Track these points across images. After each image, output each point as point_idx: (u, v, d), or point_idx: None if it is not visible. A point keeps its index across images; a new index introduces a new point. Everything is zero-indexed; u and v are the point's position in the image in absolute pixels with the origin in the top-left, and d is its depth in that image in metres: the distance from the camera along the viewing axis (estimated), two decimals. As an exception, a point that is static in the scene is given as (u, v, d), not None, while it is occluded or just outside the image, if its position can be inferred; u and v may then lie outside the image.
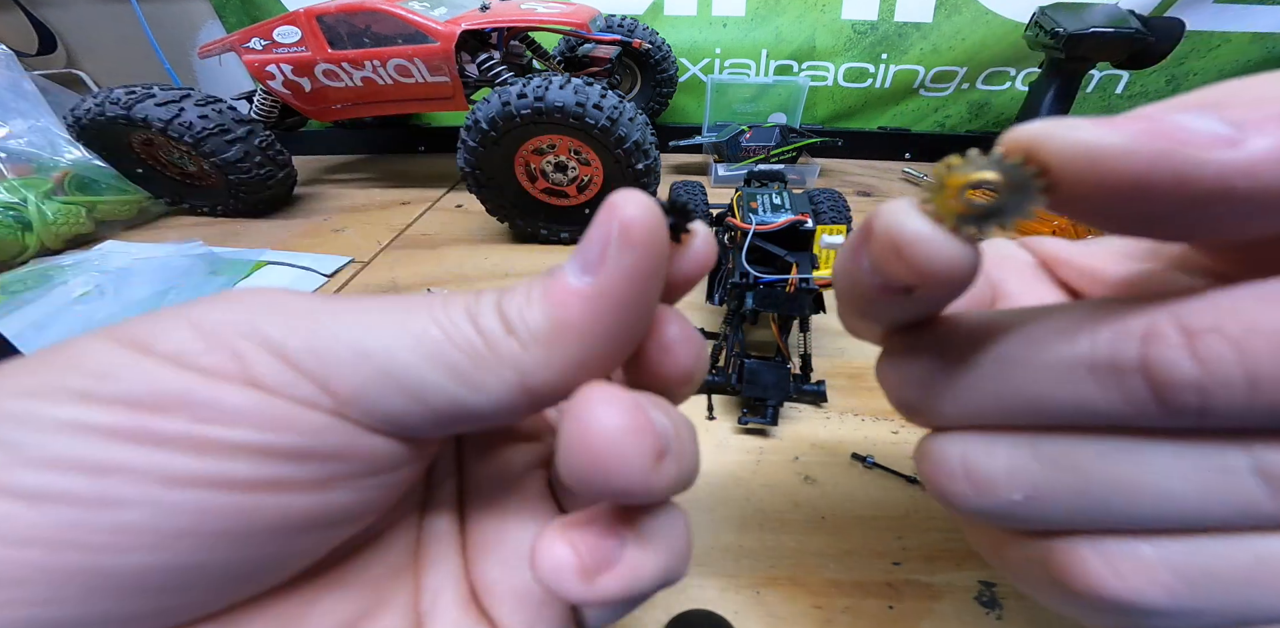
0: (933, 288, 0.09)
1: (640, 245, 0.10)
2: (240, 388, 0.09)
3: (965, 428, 0.11)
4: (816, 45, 0.68)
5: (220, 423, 0.08)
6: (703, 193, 0.41)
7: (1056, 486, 0.10)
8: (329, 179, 0.67)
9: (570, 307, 0.10)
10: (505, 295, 0.10)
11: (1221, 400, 0.08)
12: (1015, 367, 0.10)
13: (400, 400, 0.09)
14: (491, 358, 0.10)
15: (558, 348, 0.10)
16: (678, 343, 0.11)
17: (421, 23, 0.47)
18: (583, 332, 0.10)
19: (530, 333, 0.10)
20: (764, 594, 0.22)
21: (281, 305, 0.10)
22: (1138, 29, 0.48)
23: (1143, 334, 0.08)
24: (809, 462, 0.27)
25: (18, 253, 0.46)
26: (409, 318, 0.10)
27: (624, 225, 0.10)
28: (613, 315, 0.10)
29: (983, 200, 0.09)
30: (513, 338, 0.10)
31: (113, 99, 0.47)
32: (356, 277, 0.45)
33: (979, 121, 0.72)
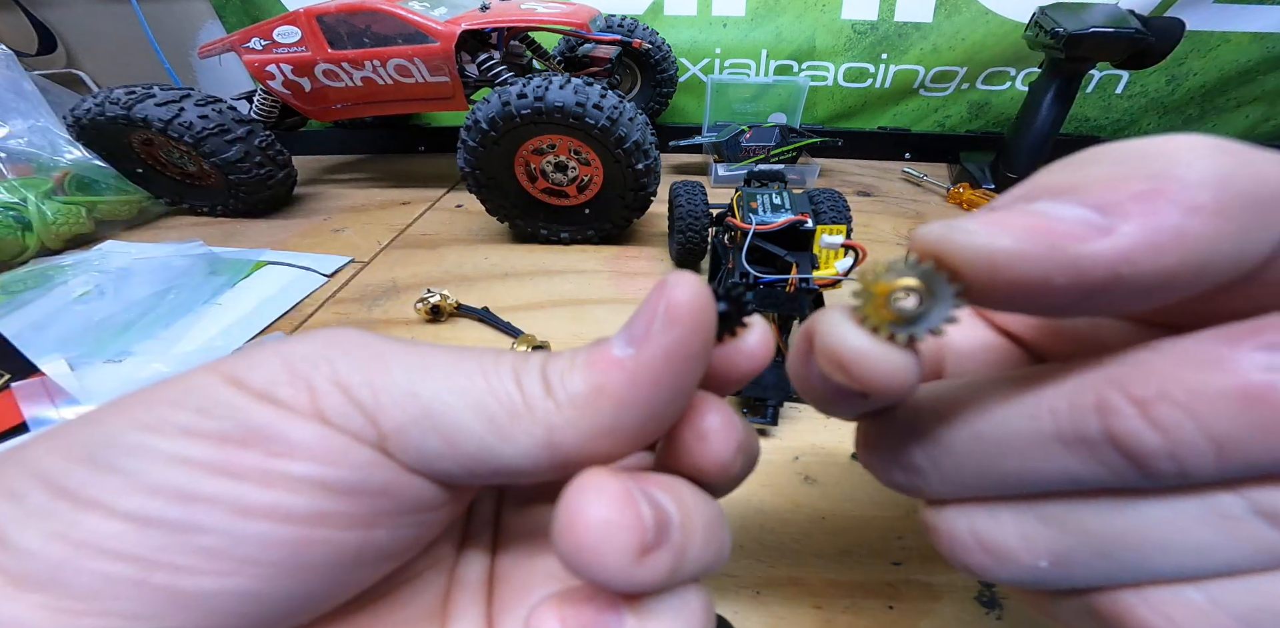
0: (881, 395, 0.10)
1: (683, 325, 0.10)
2: (306, 421, 0.10)
3: (964, 501, 0.11)
4: (816, 45, 0.68)
5: (287, 457, 0.09)
6: (703, 193, 0.41)
7: (1076, 548, 0.10)
8: (329, 179, 0.67)
9: (609, 375, 0.10)
10: (552, 359, 0.11)
11: (1195, 462, 0.08)
12: (991, 445, 0.10)
13: (435, 441, 0.10)
14: (526, 414, 0.10)
15: (589, 412, 0.10)
16: (715, 432, 0.11)
17: (421, 23, 0.47)
18: (617, 400, 0.10)
19: (568, 395, 0.10)
20: (764, 594, 0.22)
21: (357, 344, 0.11)
22: (1138, 29, 0.48)
23: (1095, 406, 0.09)
24: (809, 462, 0.27)
25: (18, 253, 0.46)
26: (460, 366, 0.11)
27: (671, 304, 0.10)
28: (648, 389, 0.10)
29: (910, 306, 0.09)
30: (550, 399, 0.10)
31: (113, 99, 0.47)
32: (356, 277, 0.45)
33: (979, 122, 0.72)
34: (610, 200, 0.46)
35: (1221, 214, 0.08)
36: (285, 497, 0.09)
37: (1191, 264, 0.08)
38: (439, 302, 0.38)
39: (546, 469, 0.10)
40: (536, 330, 0.36)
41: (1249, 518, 0.09)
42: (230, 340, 0.37)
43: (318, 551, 0.09)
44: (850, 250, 0.30)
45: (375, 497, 0.10)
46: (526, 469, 0.10)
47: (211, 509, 0.09)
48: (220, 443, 0.09)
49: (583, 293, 0.42)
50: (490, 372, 0.10)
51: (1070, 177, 0.09)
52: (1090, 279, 0.08)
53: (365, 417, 0.10)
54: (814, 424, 0.30)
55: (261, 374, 0.10)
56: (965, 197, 0.57)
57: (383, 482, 0.10)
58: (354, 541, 0.10)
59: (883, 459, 0.12)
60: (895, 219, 0.55)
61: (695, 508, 0.11)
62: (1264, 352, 0.08)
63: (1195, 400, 0.08)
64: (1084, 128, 0.71)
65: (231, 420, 0.09)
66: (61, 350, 0.33)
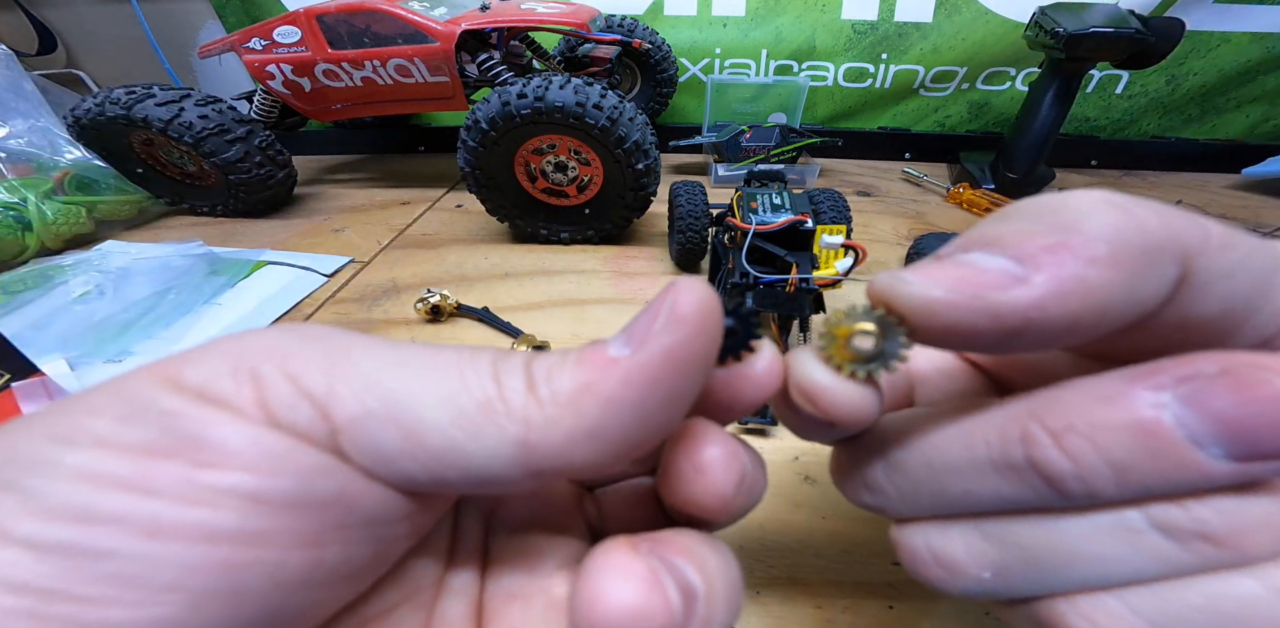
0: (844, 423, 0.11)
1: (688, 328, 0.10)
2: (244, 423, 0.09)
3: (923, 519, 0.12)
4: (816, 45, 0.68)
5: (216, 467, 0.08)
6: (703, 193, 0.41)
7: (1012, 560, 0.11)
8: (329, 179, 0.67)
9: (600, 373, 0.10)
10: (541, 357, 0.10)
11: (1099, 484, 0.09)
12: (939, 470, 0.11)
13: (395, 435, 0.09)
14: (501, 409, 0.09)
15: (572, 411, 0.09)
16: (716, 465, 0.11)
17: (421, 23, 0.47)
18: (605, 400, 0.09)
19: (551, 393, 0.10)
20: (764, 594, 0.22)
21: (319, 335, 0.10)
22: (1138, 29, 0.48)
23: (1020, 436, 0.10)
24: (809, 462, 0.27)
25: (18, 253, 0.46)
26: (434, 360, 0.10)
27: (676, 303, 0.10)
28: (641, 390, 0.09)
29: (867, 347, 0.11)
30: (531, 395, 0.10)
31: (113, 99, 0.47)
32: (356, 277, 0.45)
33: (979, 122, 0.72)
34: (610, 200, 0.46)
35: (1115, 264, 0.09)
36: (211, 514, 0.08)
37: (1093, 309, 0.09)
38: (439, 302, 0.38)
39: (520, 473, 0.10)
40: (536, 330, 0.36)
41: (1148, 531, 0.10)
42: (230, 340, 0.37)
43: (253, 574, 0.08)
44: (850, 250, 0.30)
45: (323, 509, 0.09)
46: (498, 472, 0.10)
47: (120, 531, 0.08)
48: (138, 454, 0.08)
49: (583, 293, 0.42)
50: (467, 366, 0.10)
51: (998, 229, 0.10)
52: (1007, 324, 0.09)
53: (316, 408, 0.09)
54: (814, 424, 0.30)
55: (202, 370, 0.09)
56: (965, 196, 0.57)
57: (333, 490, 0.09)
58: (298, 561, 0.09)
59: (850, 481, 0.14)
60: (895, 219, 0.55)
61: (719, 575, 0.11)
62: (1154, 391, 0.09)
63: (1097, 432, 0.09)
64: (1084, 128, 0.71)
65: (155, 428, 0.08)
66: (61, 350, 0.33)
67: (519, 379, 0.10)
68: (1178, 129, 0.70)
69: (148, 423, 0.09)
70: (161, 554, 0.08)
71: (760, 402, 0.12)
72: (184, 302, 0.40)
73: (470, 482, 0.10)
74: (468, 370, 0.10)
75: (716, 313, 0.10)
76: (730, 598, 0.11)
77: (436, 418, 0.09)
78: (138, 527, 0.08)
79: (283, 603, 0.09)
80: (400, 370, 0.10)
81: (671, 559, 0.10)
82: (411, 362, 0.10)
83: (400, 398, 0.09)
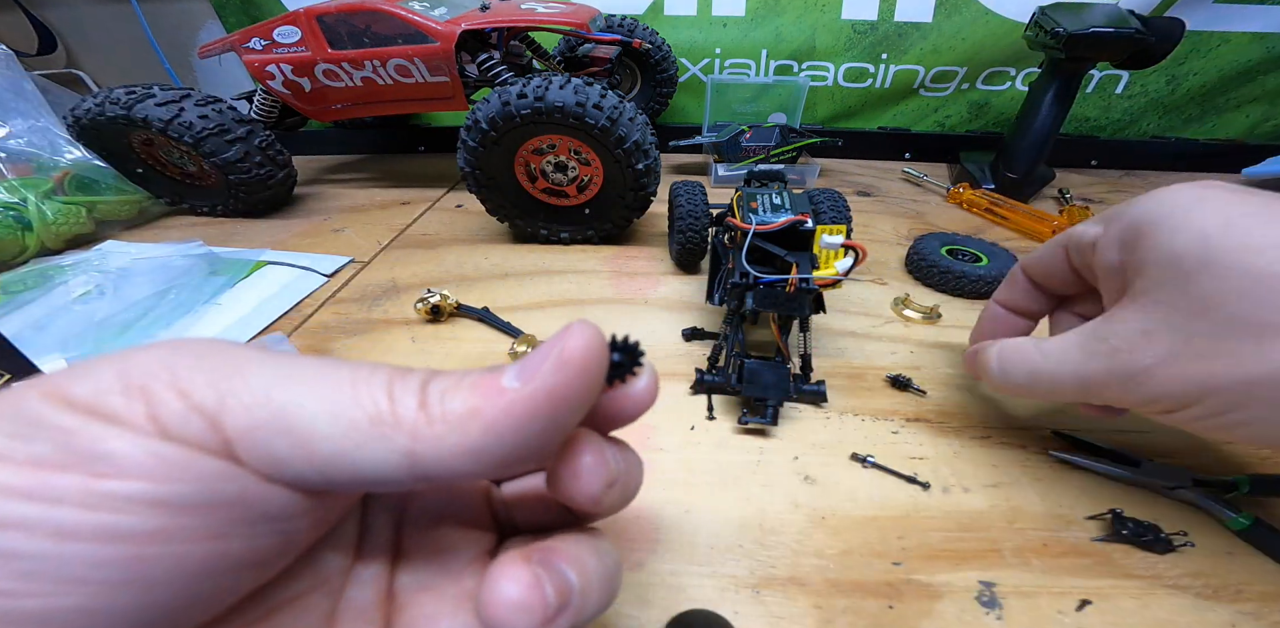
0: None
1: (569, 371, 0.11)
2: (137, 437, 0.09)
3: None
4: (816, 45, 0.68)
5: (114, 478, 0.09)
6: (703, 193, 0.41)
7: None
8: (329, 179, 0.67)
9: (488, 401, 0.11)
10: (438, 376, 0.12)
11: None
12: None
13: (286, 444, 0.10)
14: (390, 423, 0.10)
15: (457, 431, 0.11)
16: (587, 471, 0.13)
17: (421, 23, 0.47)
18: (488, 425, 0.11)
19: (442, 412, 0.11)
20: (764, 594, 0.22)
21: (210, 351, 0.11)
22: (1138, 29, 0.48)
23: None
24: (809, 462, 0.27)
25: (18, 253, 0.46)
26: (328, 375, 0.11)
27: (564, 349, 0.11)
28: (521, 420, 0.11)
29: None
30: (423, 412, 0.11)
31: (113, 99, 0.47)
32: (356, 277, 0.45)
33: (979, 122, 0.72)
34: (610, 200, 0.46)
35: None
36: (113, 518, 0.09)
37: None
38: (439, 302, 0.38)
39: (409, 479, 0.11)
40: (536, 330, 0.36)
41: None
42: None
43: (160, 565, 0.09)
44: (850, 250, 0.30)
45: (224, 508, 0.10)
46: (387, 478, 0.11)
47: (27, 536, 0.09)
48: (36, 468, 0.09)
49: (583, 293, 0.42)
50: (361, 381, 0.11)
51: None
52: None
53: (207, 421, 0.10)
54: (814, 424, 0.30)
55: (90, 386, 0.10)
56: (965, 196, 0.57)
57: (233, 492, 0.10)
58: (202, 553, 0.10)
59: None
60: (895, 219, 0.55)
61: (595, 571, 0.13)
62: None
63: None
64: (1084, 128, 0.71)
65: (50, 443, 0.09)
66: (61, 350, 0.33)
67: (413, 397, 0.11)
68: (1178, 129, 0.70)
69: (41, 439, 0.09)
70: (69, 553, 0.09)
71: (638, 415, 0.14)
72: (184, 302, 0.40)
73: (362, 484, 0.11)
74: (361, 386, 0.11)
75: (599, 361, 0.11)
76: (604, 590, 0.13)
77: (326, 429, 0.10)
78: (44, 531, 0.09)
79: (191, 589, 0.10)
80: (293, 384, 0.10)
81: (555, 565, 0.12)
82: (305, 376, 0.11)
83: (291, 411, 0.10)
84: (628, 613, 0.21)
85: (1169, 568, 0.22)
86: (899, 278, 0.44)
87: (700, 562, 0.23)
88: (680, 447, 0.28)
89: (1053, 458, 0.27)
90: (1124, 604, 0.21)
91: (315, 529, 0.12)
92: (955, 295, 0.41)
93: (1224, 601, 0.21)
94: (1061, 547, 0.23)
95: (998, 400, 0.31)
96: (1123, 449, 0.27)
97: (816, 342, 0.36)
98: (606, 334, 0.12)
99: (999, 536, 0.24)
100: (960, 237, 0.46)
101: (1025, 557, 0.23)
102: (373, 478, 0.11)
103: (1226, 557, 0.23)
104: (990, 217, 0.55)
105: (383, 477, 0.11)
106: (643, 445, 0.28)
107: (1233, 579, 0.22)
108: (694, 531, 0.24)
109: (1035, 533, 0.24)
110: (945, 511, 0.25)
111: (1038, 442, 0.28)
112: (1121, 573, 0.22)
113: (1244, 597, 0.21)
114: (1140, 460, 0.26)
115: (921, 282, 0.43)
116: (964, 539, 0.24)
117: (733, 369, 0.30)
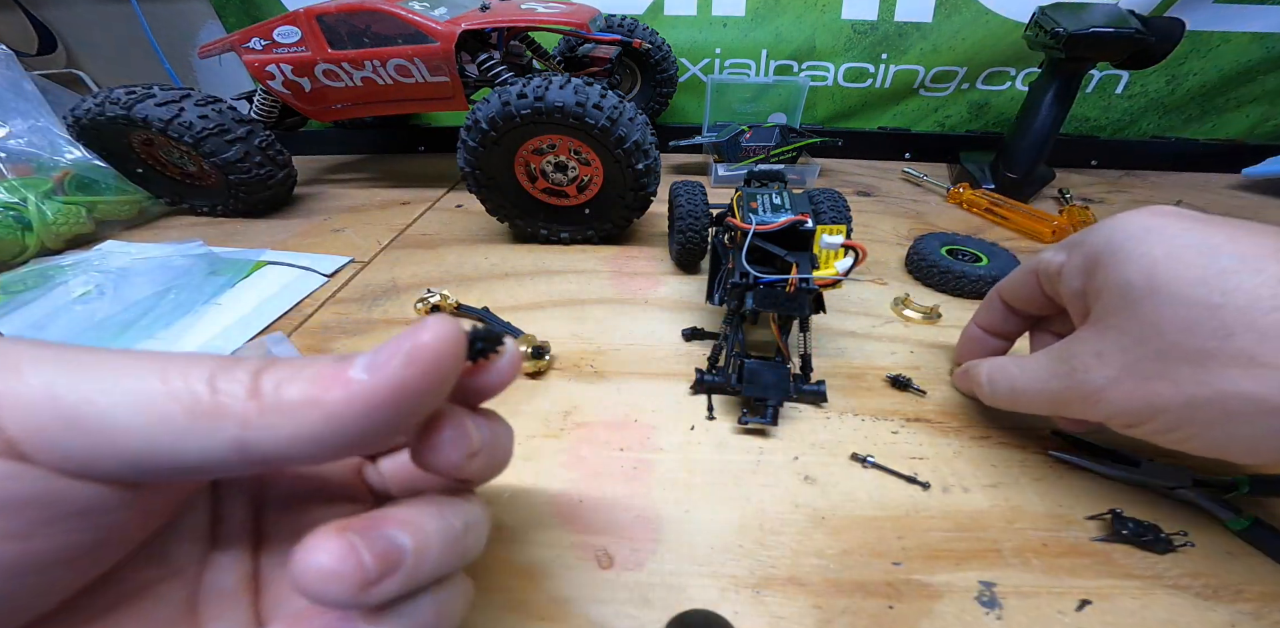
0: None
1: (419, 366, 0.11)
2: None
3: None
4: (816, 45, 0.68)
5: None
6: (703, 193, 0.41)
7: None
8: (329, 179, 0.67)
9: (330, 391, 0.11)
10: (276, 365, 0.12)
11: None
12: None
13: (81, 441, 0.10)
14: (212, 413, 0.10)
15: (294, 420, 0.11)
16: (446, 444, 0.13)
17: (421, 23, 0.47)
18: (328, 414, 0.11)
19: (276, 401, 0.11)
20: (764, 594, 0.22)
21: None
22: (1138, 29, 0.48)
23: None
24: (809, 462, 0.27)
25: (18, 253, 0.46)
26: (133, 368, 0.11)
27: (415, 346, 0.11)
28: (369, 411, 0.11)
29: None
30: (254, 401, 0.11)
31: (113, 99, 0.47)
32: (356, 277, 0.45)
33: (979, 122, 0.72)
34: (610, 200, 0.46)
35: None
36: None
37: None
38: (439, 302, 0.38)
39: (244, 465, 0.11)
40: (536, 330, 0.36)
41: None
42: (230, 340, 0.37)
43: None
44: (850, 250, 0.30)
45: (21, 508, 0.10)
46: (218, 465, 0.11)
47: None
48: None
49: (582, 293, 0.42)
50: (175, 373, 0.11)
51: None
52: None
53: None
54: (814, 424, 0.30)
55: None
56: (965, 196, 0.57)
57: (26, 491, 0.10)
58: (8, 553, 0.10)
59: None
60: (895, 219, 0.55)
61: (435, 531, 0.13)
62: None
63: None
64: (1084, 128, 0.71)
65: None
66: (61, 350, 0.33)
67: (240, 386, 0.11)
68: (1178, 129, 0.70)
69: None
70: None
71: (500, 389, 0.14)
72: (184, 302, 0.40)
73: (189, 473, 0.11)
74: (174, 377, 0.11)
75: (451, 356, 0.12)
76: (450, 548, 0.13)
77: (130, 422, 0.10)
78: None
79: (7, 588, 0.10)
80: (83, 380, 0.10)
81: (380, 531, 0.12)
82: (102, 370, 0.11)
83: (81, 407, 0.10)
84: (628, 613, 0.21)
85: (1169, 568, 0.22)
86: (899, 278, 0.44)
87: (700, 562, 0.23)
88: (680, 447, 0.28)
89: (1053, 458, 0.27)
90: (1124, 604, 0.21)
91: (146, 519, 0.12)
92: (955, 295, 0.41)
93: (1224, 601, 0.21)
94: (1061, 547, 0.23)
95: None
96: (1123, 449, 0.27)
97: (816, 342, 0.36)
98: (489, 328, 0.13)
99: (999, 535, 0.24)
100: (960, 237, 0.46)
101: (1025, 557, 0.23)
102: (200, 467, 0.11)
103: (1226, 557, 0.23)
104: (990, 217, 0.55)
105: (213, 465, 0.11)
106: (643, 446, 0.28)
107: (1233, 579, 0.22)
108: (694, 531, 0.24)
109: (1035, 533, 0.24)
110: (945, 511, 0.25)
111: (1038, 442, 0.28)
112: (1121, 573, 0.22)
113: (1244, 597, 0.21)
114: (1140, 460, 0.26)
115: (921, 282, 0.43)
116: (964, 539, 0.24)
117: (733, 369, 0.30)
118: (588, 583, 0.22)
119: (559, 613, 0.21)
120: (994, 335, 0.31)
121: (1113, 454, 0.27)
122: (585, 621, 0.21)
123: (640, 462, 0.27)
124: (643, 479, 0.26)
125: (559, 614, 0.21)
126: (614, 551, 0.23)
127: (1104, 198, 0.60)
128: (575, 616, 0.21)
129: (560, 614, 0.21)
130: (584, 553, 0.23)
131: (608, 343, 0.36)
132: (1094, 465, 0.26)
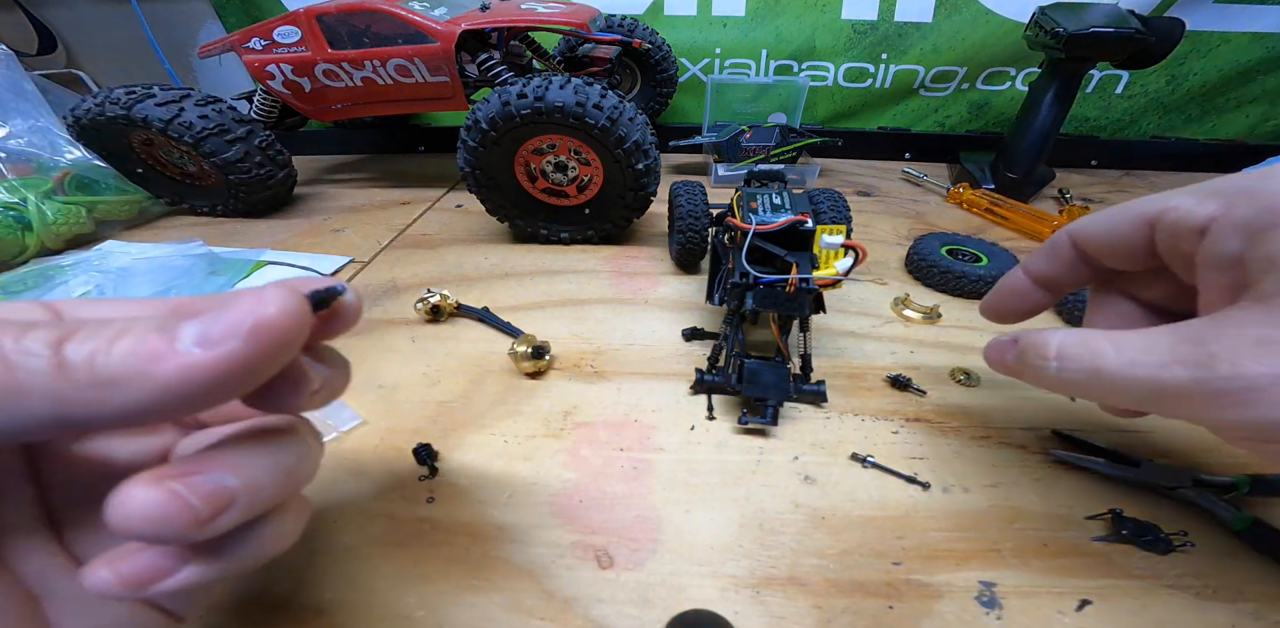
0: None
1: (262, 343, 0.11)
2: None
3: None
4: (816, 45, 0.68)
5: None
6: (703, 193, 0.41)
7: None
8: (329, 179, 0.67)
9: (158, 365, 0.10)
10: (78, 336, 0.11)
11: None
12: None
13: None
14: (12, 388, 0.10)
15: (118, 393, 0.10)
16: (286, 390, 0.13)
17: (421, 23, 0.47)
18: (162, 386, 0.10)
19: (93, 373, 0.10)
20: (764, 594, 0.22)
21: None
22: (1138, 29, 0.48)
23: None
24: (809, 462, 0.27)
25: (18, 253, 0.46)
26: None
27: (257, 323, 0.11)
28: (204, 385, 0.10)
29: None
30: (64, 378, 0.10)
31: (113, 99, 0.47)
32: (356, 277, 0.45)
33: (979, 122, 0.72)
34: (610, 200, 0.46)
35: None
36: None
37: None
38: (439, 301, 0.38)
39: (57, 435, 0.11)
40: (536, 330, 0.36)
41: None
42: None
43: None
44: (850, 250, 0.30)
45: None
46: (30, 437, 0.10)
47: None
48: None
49: (583, 293, 0.42)
50: None
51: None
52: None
53: None
54: (814, 424, 0.30)
55: None
56: (965, 196, 0.57)
57: None
58: None
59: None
60: (895, 219, 0.55)
61: (265, 468, 0.13)
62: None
63: None
64: (1084, 128, 0.71)
65: None
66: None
67: (41, 360, 0.10)
68: (1178, 129, 0.70)
69: None
70: None
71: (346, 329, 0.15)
72: (184, 302, 0.40)
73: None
74: None
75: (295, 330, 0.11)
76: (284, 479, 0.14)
77: None
78: None
79: None
80: None
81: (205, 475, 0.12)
82: None
83: None
84: (628, 613, 0.21)
85: (1169, 568, 0.22)
86: (899, 278, 0.44)
87: (700, 562, 0.23)
88: (680, 447, 0.28)
89: (1053, 458, 0.27)
90: (1124, 605, 0.21)
91: None
92: (955, 295, 0.41)
93: (1224, 601, 0.21)
94: (1061, 547, 0.23)
95: (997, 401, 0.31)
96: (1123, 449, 0.27)
97: (816, 342, 0.36)
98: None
99: (999, 536, 0.24)
100: (960, 237, 0.46)
101: (1025, 557, 0.23)
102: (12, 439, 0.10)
103: (1226, 557, 0.23)
104: (990, 217, 0.55)
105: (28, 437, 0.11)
106: (643, 446, 0.28)
107: (1233, 579, 0.22)
108: (694, 530, 0.24)
109: (1035, 533, 0.24)
110: (945, 511, 0.25)
111: (1038, 442, 0.28)
112: (1121, 573, 0.22)
113: (1244, 597, 0.21)
114: (1140, 460, 0.26)
115: (921, 282, 0.43)
116: (964, 539, 0.24)
117: (733, 369, 0.30)
118: (588, 583, 0.22)
119: (559, 613, 0.21)
120: (1044, 286, 0.25)
121: (1113, 454, 0.27)
122: (585, 621, 0.21)
123: (640, 462, 0.27)
124: (643, 479, 0.26)
125: (559, 614, 0.21)
126: (614, 551, 0.23)
127: (1104, 198, 0.60)
128: (575, 616, 0.21)
129: (560, 614, 0.21)
130: (584, 553, 0.23)
131: (608, 343, 0.36)
132: (1094, 465, 0.26)
